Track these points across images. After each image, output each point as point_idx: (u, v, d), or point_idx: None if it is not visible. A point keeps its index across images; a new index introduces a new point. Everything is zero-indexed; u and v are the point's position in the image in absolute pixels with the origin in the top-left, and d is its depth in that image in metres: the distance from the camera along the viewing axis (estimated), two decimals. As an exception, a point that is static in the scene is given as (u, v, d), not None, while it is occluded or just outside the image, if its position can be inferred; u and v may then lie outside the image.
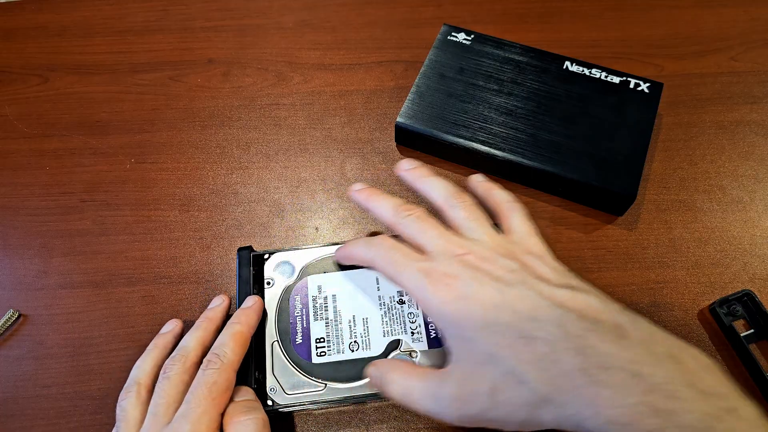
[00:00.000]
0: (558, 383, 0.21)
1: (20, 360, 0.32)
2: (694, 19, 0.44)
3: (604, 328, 0.21)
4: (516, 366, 0.22)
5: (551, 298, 0.23)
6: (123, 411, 0.25)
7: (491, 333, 0.22)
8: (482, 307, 0.23)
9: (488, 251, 0.25)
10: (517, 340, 0.22)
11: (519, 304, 0.23)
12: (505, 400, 0.22)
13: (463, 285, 0.24)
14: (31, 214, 0.37)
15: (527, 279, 0.24)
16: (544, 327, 0.22)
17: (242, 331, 0.27)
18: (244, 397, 0.26)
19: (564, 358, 0.21)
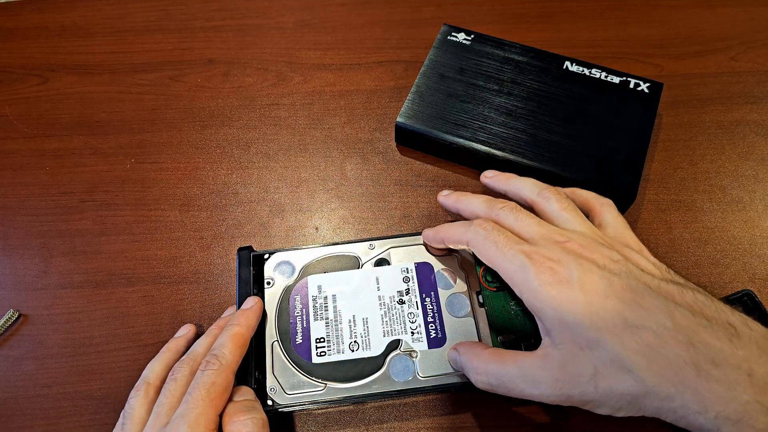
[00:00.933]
0: (665, 375, 0.20)
1: (20, 360, 0.32)
2: (694, 19, 0.44)
3: (716, 324, 0.21)
4: (621, 353, 0.21)
5: (659, 290, 0.22)
6: (130, 408, 0.26)
7: (596, 319, 0.22)
8: (587, 293, 0.22)
9: (588, 240, 0.25)
10: (624, 328, 0.21)
11: (625, 292, 0.22)
12: (607, 387, 0.22)
13: (566, 270, 0.23)
14: (32, 214, 0.37)
15: (632, 269, 0.23)
16: (653, 317, 0.21)
17: (241, 332, 0.27)
18: (244, 397, 0.26)
19: (673, 350, 0.20)
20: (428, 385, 0.28)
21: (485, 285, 0.31)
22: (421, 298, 0.30)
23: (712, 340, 0.20)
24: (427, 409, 0.30)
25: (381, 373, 0.28)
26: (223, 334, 0.27)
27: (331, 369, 0.28)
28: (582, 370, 0.22)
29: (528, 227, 0.26)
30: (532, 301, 0.24)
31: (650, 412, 0.21)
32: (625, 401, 0.22)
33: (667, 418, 0.21)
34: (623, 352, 0.21)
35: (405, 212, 0.36)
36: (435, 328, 0.29)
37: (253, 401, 0.26)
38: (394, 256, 0.32)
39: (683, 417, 0.20)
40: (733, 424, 0.19)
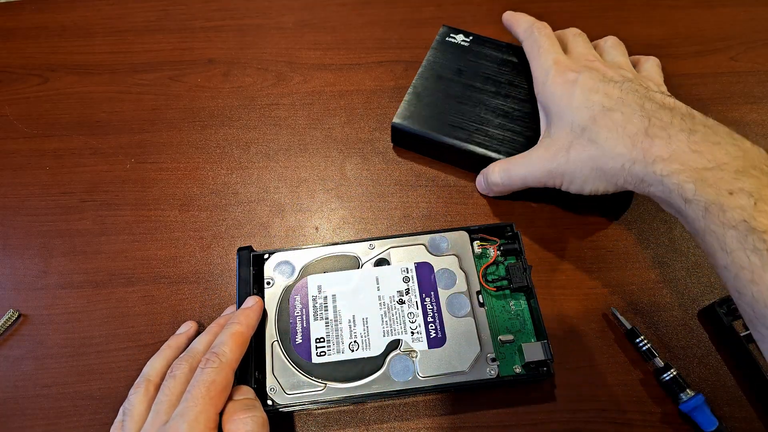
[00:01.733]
0: (621, 140, 0.27)
1: (20, 360, 0.32)
2: (694, 19, 0.44)
3: (677, 111, 0.27)
4: (591, 128, 0.28)
5: (644, 94, 0.28)
6: (130, 405, 0.26)
7: (582, 108, 0.29)
8: (583, 89, 0.30)
9: (613, 65, 0.32)
10: (600, 113, 0.28)
11: (613, 91, 0.29)
12: (576, 155, 0.29)
13: (576, 75, 0.31)
14: (31, 214, 0.37)
15: (633, 81, 0.30)
16: (626, 104, 0.28)
17: (242, 331, 0.27)
18: (244, 396, 0.26)
19: (634, 124, 0.27)
20: (428, 385, 0.28)
21: (485, 285, 0.31)
22: (421, 298, 0.30)
23: (668, 117, 0.27)
24: (427, 409, 0.30)
25: (381, 373, 0.28)
26: (224, 333, 0.27)
27: (331, 369, 0.28)
28: (561, 144, 0.30)
29: (577, 47, 0.34)
30: (542, 96, 0.32)
31: (610, 178, 0.28)
32: (588, 168, 0.29)
33: (619, 180, 0.28)
34: (593, 128, 0.28)
35: (405, 212, 0.36)
36: (435, 328, 0.29)
37: (253, 400, 0.26)
38: (394, 256, 0.32)
39: (630, 173, 0.27)
40: (662, 161, 0.25)
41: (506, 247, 0.32)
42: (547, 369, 0.28)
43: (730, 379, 0.30)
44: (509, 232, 0.33)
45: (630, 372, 0.30)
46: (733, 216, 0.23)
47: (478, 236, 0.33)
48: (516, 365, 0.29)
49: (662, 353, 0.31)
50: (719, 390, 0.30)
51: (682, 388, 0.29)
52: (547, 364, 0.28)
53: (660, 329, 0.32)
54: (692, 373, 0.30)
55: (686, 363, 0.31)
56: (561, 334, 0.32)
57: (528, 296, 0.31)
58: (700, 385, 0.30)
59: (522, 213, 0.36)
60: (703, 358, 0.31)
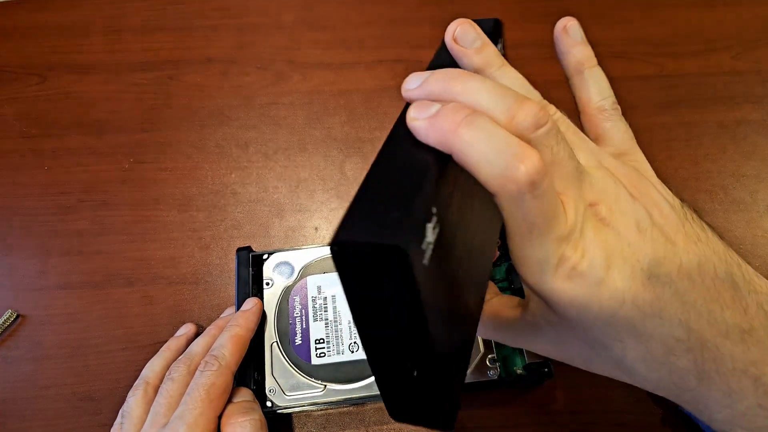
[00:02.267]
0: (664, 382, 0.19)
1: (18, 361, 0.32)
2: (696, 19, 0.44)
3: (730, 320, 0.18)
4: (622, 360, 0.19)
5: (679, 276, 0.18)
6: (129, 407, 0.26)
7: (603, 325, 0.18)
8: (602, 298, 0.18)
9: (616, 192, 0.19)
10: (629, 337, 0.18)
11: (644, 293, 0.18)
12: (600, 371, 0.20)
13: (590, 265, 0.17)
14: (30, 214, 0.37)
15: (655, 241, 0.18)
16: (666, 327, 0.18)
17: (241, 333, 0.27)
18: (243, 398, 0.26)
19: (680, 361, 0.18)
20: (428, 387, 0.27)
21: (486, 286, 0.31)
22: (422, 299, 0.30)
23: (724, 342, 0.18)
24: (427, 411, 0.30)
25: (381, 374, 0.28)
26: (223, 335, 0.27)
27: (330, 370, 0.28)
28: (577, 356, 0.21)
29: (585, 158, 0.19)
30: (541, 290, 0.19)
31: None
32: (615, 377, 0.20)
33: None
34: (624, 359, 0.19)
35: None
36: (435, 329, 0.29)
37: (251, 402, 0.26)
38: (394, 257, 0.31)
39: (673, 400, 0.20)
40: (723, 422, 0.19)
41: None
42: (548, 370, 0.28)
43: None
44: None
45: (631, 373, 0.30)
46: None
47: (478, 237, 0.32)
48: (517, 366, 0.29)
49: (664, 354, 0.31)
50: (721, 391, 0.30)
51: (684, 389, 0.28)
52: (548, 365, 0.28)
53: (661, 330, 0.32)
54: (694, 374, 0.30)
55: (688, 364, 0.30)
56: (562, 334, 0.31)
57: (529, 297, 0.31)
58: (701, 386, 0.30)
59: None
60: (705, 359, 0.31)
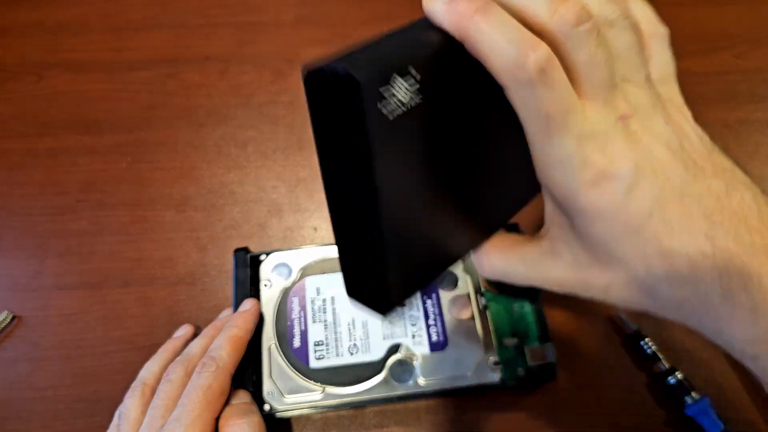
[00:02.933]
0: (687, 302, 0.18)
1: (15, 362, 0.31)
2: (699, 17, 0.44)
3: (757, 241, 0.17)
4: (646, 280, 0.18)
5: (707, 193, 0.18)
6: (126, 408, 0.25)
7: (627, 241, 0.18)
8: (629, 210, 0.18)
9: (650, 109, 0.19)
10: (656, 255, 0.18)
11: (672, 208, 0.18)
12: (619, 298, 0.19)
13: (618, 174, 0.17)
14: (26, 214, 0.36)
15: (686, 163, 0.18)
16: (692, 242, 0.18)
17: (239, 335, 0.27)
18: (240, 400, 0.26)
19: (704, 279, 0.17)
20: (429, 390, 0.27)
21: (488, 287, 0.31)
22: (422, 300, 0.30)
23: (750, 260, 0.17)
24: (428, 414, 0.29)
25: (381, 377, 0.28)
26: (221, 337, 0.27)
27: (329, 373, 0.28)
28: (595, 281, 0.20)
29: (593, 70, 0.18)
30: (564, 202, 0.19)
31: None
32: (636, 309, 0.19)
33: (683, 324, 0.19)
34: (647, 279, 0.18)
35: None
36: (436, 331, 0.29)
37: (249, 404, 0.26)
38: (394, 258, 0.31)
39: (698, 329, 0.19)
40: (748, 343, 0.18)
41: (508, 248, 0.32)
42: (550, 372, 0.28)
43: (736, 382, 0.30)
44: (513, 233, 0.32)
45: (635, 375, 0.30)
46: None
47: (479, 237, 0.32)
48: (519, 369, 0.29)
49: (667, 356, 0.30)
50: (725, 393, 0.29)
51: (688, 391, 0.28)
52: (551, 367, 0.28)
53: (665, 331, 0.31)
54: (698, 377, 0.30)
55: (692, 366, 0.30)
56: (565, 336, 0.31)
57: (532, 298, 0.31)
58: (705, 388, 0.30)
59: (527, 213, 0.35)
60: (709, 361, 0.30)
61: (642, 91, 0.19)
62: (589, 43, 0.17)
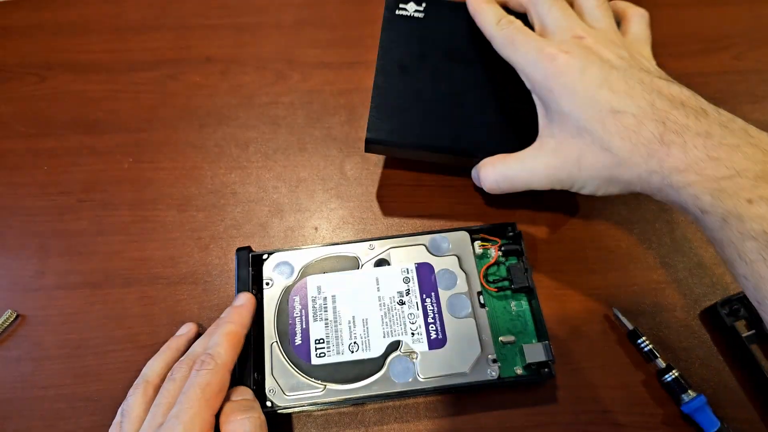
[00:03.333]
0: (637, 149, 0.25)
1: (17, 361, 0.32)
2: (697, 18, 0.44)
3: (689, 108, 0.24)
4: (603, 136, 0.26)
5: (649, 84, 0.26)
6: (128, 406, 0.26)
7: (587, 107, 0.26)
8: (584, 83, 0.26)
9: (604, 38, 0.28)
10: (608, 114, 0.25)
11: (618, 83, 0.26)
12: (589, 165, 0.26)
13: (572, 62, 0.27)
14: (28, 214, 0.36)
15: (632, 66, 0.27)
16: (636, 103, 0.25)
17: (235, 330, 0.27)
18: (242, 397, 0.26)
19: (647, 128, 0.24)
20: (429, 387, 0.27)
21: (486, 286, 0.31)
22: (422, 299, 0.30)
23: (682, 118, 0.24)
24: (427, 411, 0.30)
25: (381, 374, 0.28)
26: (217, 333, 0.27)
27: (330, 370, 0.28)
28: (570, 154, 0.27)
29: (555, 20, 0.29)
30: (538, 91, 0.28)
31: (625, 186, 0.26)
32: (602, 177, 0.26)
33: (635, 188, 0.26)
34: (604, 135, 0.25)
35: (405, 212, 0.36)
36: (435, 329, 0.29)
37: (251, 401, 0.26)
38: (394, 257, 0.31)
39: (647, 183, 0.25)
40: (679, 172, 0.24)
41: (507, 248, 0.32)
42: (548, 370, 0.28)
43: (732, 380, 0.30)
44: (511, 232, 0.32)
45: (632, 373, 0.30)
46: (752, 226, 0.22)
47: (479, 236, 0.32)
48: (517, 366, 0.29)
49: (664, 354, 0.31)
50: (721, 391, 0.30)
51: (684, 389, 0.29)
52: (548, 365, 0.28)
53: (662, 330, 0.32)
54: (694, 374, 0.30)
55: (688, 364, 0.30)
56: (562, 335, 0.31)
57: (529, 297, 0.31)
58: (702, 386, 0.30)
59: (524, 213, 0.36)
60: (705, 359, 0.31)
61: (599, 31, 0.29)
62: (546, 4, 0.30)
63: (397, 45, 0.32)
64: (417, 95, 0.31)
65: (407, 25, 0.32)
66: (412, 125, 0.31)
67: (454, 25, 0.32)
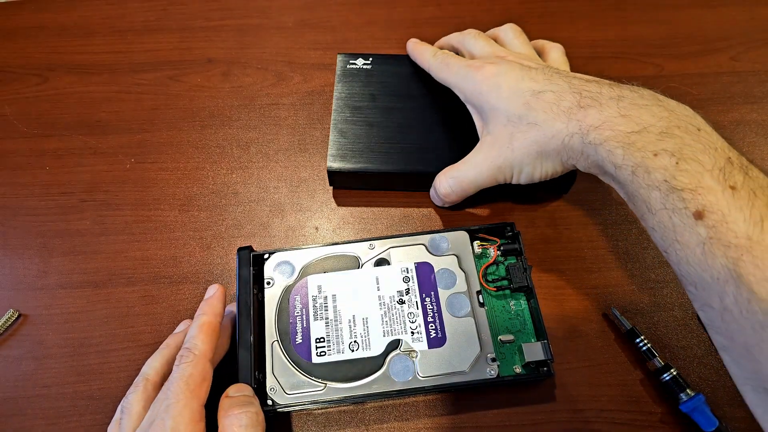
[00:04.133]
0: (559, 118, 0.28)
1: (20, 360, 0.32)
2: (695, 19, 0.44)
3: (603, 82, 0.28)
4: (527, 114, 0.29)
5: (566, 75, 0.30)
6: (128, 403, 0.26)
7: (513, 97, 0.30)
8: (508, 80, 0.30)
9: (525, 57, 0.33)
10: (531, 96, 0.29)
11: (538, 76, 0.30)
12: (519, 144, 0.29)
13: (497, 68, 0.31)
14: (31, 214, 0.37)
15: (551, 69, 0.31)
16: (555, 83, 0.29)
17: (209, 320, 0.27)
18: (241, 393, 0.26)
19: (566, 100, 0.28)
20: (428, 385, 0.28)
21: (485, 285, 0.31)
22: (421, 298, 0.30)
23: (596, 87, 0.27)
24: (427, 409, 0.30)
25: (381, 373, 0.28)
26: (193, 326, 0.27)
27: (331, 369, 0.28)
28: (503, 139, 0.30)
29: (482, 48, 0.35)
30: (470, 98, 0.33)
31: (555, 157, 0.29)
32: (534, 153, 0.29)
33: (563, 156, 0.28)
34: (529, 113, 0.29)
35: (405, 212, 0.36)
36: (435, 328, 0.29)
37: (250, 397, 0.26)
38: (394, 256, 0.31)
39: (570, 147, 0.27)
40: (595, 129, 0.26)
41: (506, 247, 0.32)
42: (547, 369, 0.28)
43: (730, 379, 0.30)
44: (509, 231, 0.33)
45: (630, 372, 0.30)
46: (656, 176, 0.23)
47: (478, 236, 0.33)
48: (516, 365, 0.29)
49: (662, 353, 0.31)
50: (719, 390, 0.30)
51: (682, 388, 0.29)
52: (547, 364, 0.28)
53: (660, 329, 0.32)
54: (692, 373, 0.30)
55: (686, 363, 0.31)
56: (561, 334, 0.32)
57: (528, 296, 0.31)
58: (700, 385, 0.30)
59: (522, 213, 0.36)
60: (703, 358, 0.31)
61: (520, 53, 0.34)
62: (471, 38, 0.36)
63: (350, 90, 0.38)
64: (369, 128, 0.36)
65: (358, 75, 0.38)
66: (368, 154, 0.35)
67: (397, 71, 0.39)
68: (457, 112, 0.35)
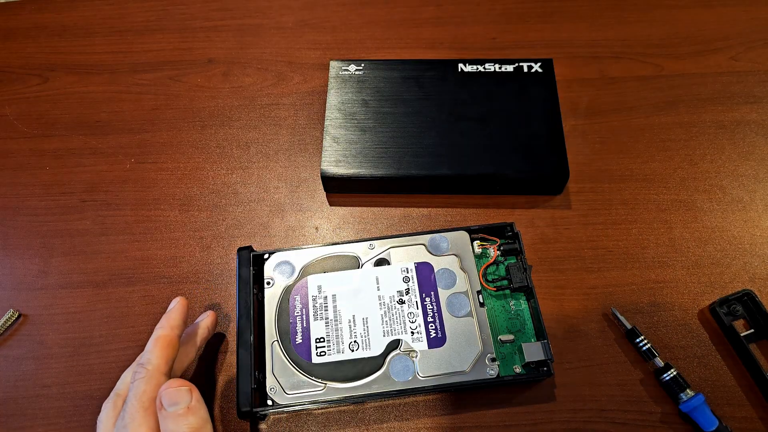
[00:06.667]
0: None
1: (20, 360, 0.32)
2: (695, 19, 0.44)
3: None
4: None
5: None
6: (100, 420, 0.26)
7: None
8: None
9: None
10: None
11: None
12: None
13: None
14: (32, 214, 0.37)
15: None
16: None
17: (164, 333, 0.27)
18: None
19: None
20: (428, 385, 0.28)
21: (485, 285, 0.31)
22: (421, 298, 0.30)
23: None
24: (427, 409, 0.30)
25: (381, 373, 0.28)
26: (149, 341, 0.27)
27: (331, 369, 0.28)
28: None
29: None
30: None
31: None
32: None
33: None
34: None
35: (405, 212, 0.36)
36: (435, 328, 0.29)
37: None
38: (394, 256, 0.31)
39: None
40: None
41: (506, 247, 0.32)
42: (547, 369, 0.28)
43: (731, 378, 0.30)
44: (509, 232, 0.33)
45: (630, 372, 0.30)
46: None
47: (478, 236, 0.33)
48: (516, 365, 0.29)
49: (662, 353, 0.31)
50: (719, 390, 0.30)
51: (683, 388, 0.29)
52: (547, 364, 0.28)
53: (660, 329, 0.32)
54: (692, 373, 0.30)
55: (686, 363, 0.31)
56: (561, 334, 0.32)
57: (528, 296, 0.31)
58: (700, 385, 0.30)
59: (522, 213, 0.36)
60: (703, 358, 0.31)
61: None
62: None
63: (342, 97, 0.38)
64: (362, 133, 0.36)
65: (350, 80, 0.38)
66: (361, 159, 0.35)
67: (389, 76, 0.38)
68: (449, 116, 0.35)
